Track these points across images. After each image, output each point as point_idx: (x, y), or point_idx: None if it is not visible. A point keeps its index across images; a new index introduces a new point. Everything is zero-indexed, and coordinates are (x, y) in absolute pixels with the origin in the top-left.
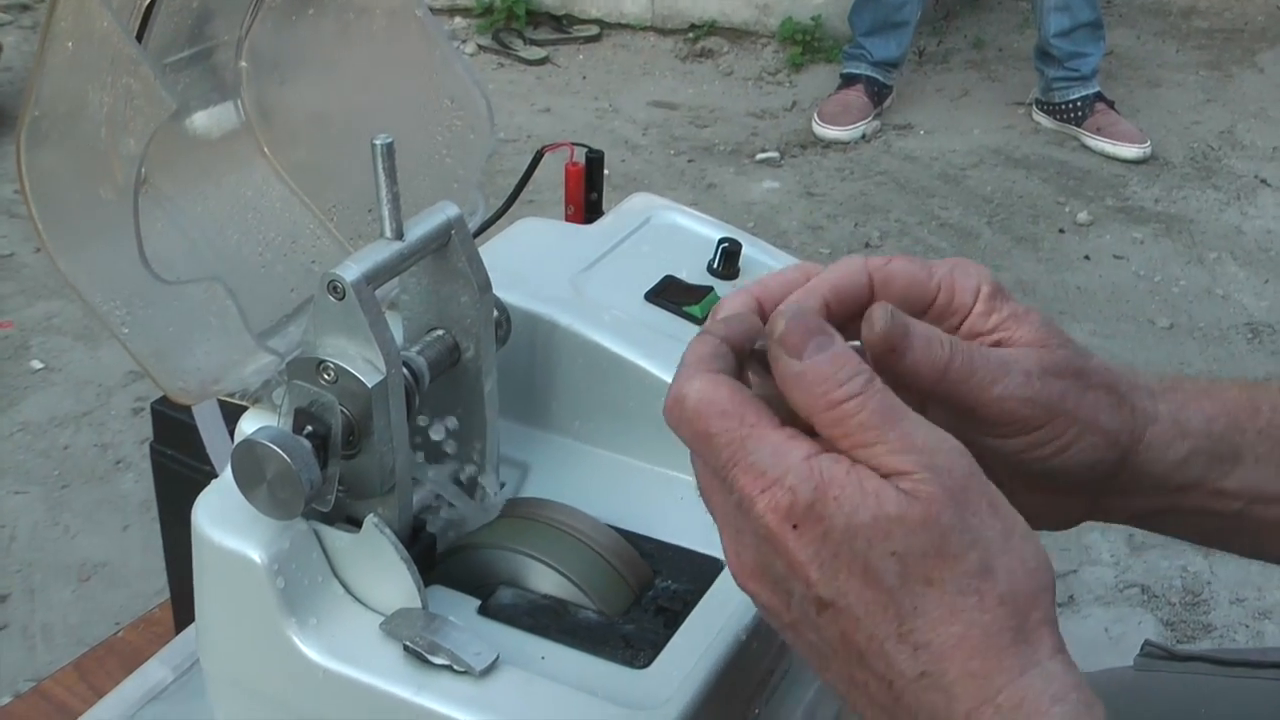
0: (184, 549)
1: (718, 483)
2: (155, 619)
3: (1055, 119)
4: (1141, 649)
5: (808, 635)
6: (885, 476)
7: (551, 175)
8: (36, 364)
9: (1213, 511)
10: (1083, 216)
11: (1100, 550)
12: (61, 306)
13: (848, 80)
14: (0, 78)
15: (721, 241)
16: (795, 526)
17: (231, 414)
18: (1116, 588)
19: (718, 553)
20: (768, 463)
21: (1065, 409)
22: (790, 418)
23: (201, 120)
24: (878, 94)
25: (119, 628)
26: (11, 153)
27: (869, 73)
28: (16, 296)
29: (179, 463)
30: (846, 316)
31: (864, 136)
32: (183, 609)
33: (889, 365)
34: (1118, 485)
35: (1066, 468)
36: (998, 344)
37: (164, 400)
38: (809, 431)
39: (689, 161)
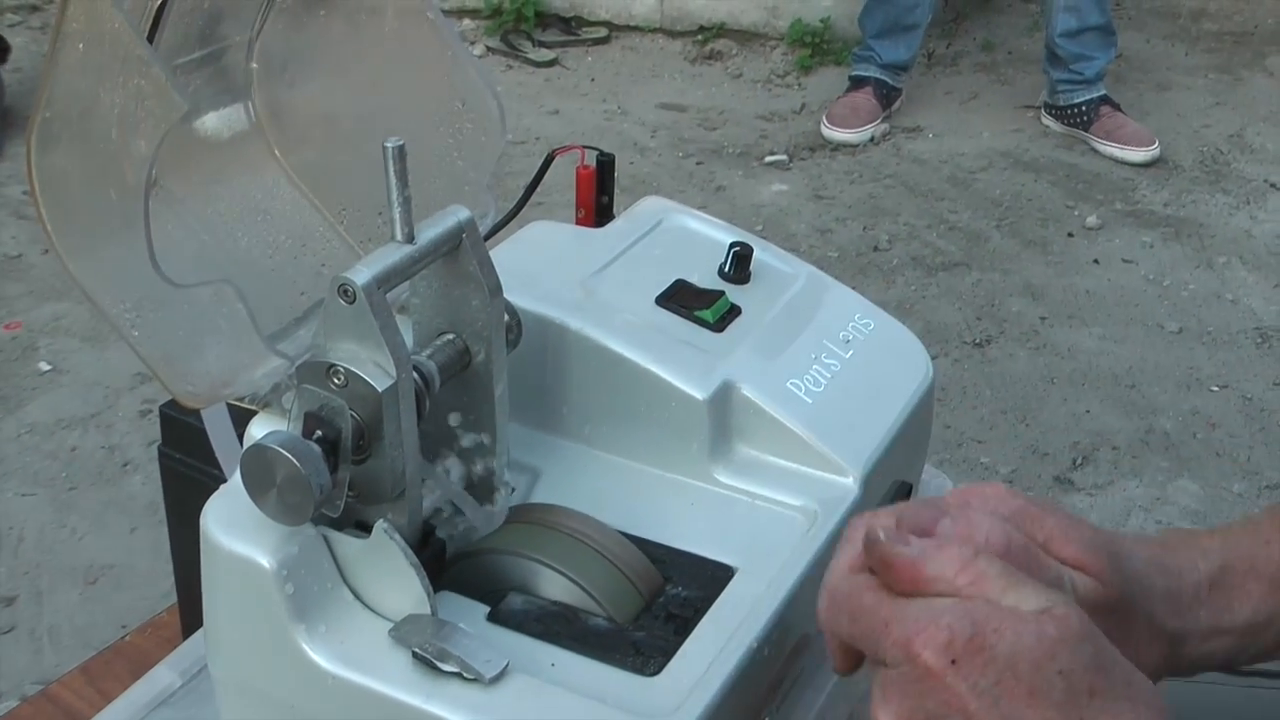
0: (192, 553)
1: (873, 653)
2: (163, 623)
3: (1063, 123)
4: None
5: None
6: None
7: (561, 177)
8: (44, 365)
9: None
10: (1092, 220)
11: None
12: (69, 308)
13: (856, 83)
14: (9, 78)
15: (733, 245)
16: (954, 661)
17: (240, 418)
18: None
19: (728, 559)
20: (920, 612)
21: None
22: None
23: (212, 122)
24: (886, 97)
25: (126, 631)
26: (21, 154)
27: (878, 75)
28: (25, 298)
29: (187, 466)
30: None
31: (873, 139)
32: (190, 613)
33: None
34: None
35: None
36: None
37: (172, 404)
38: None
39: (698, 164)
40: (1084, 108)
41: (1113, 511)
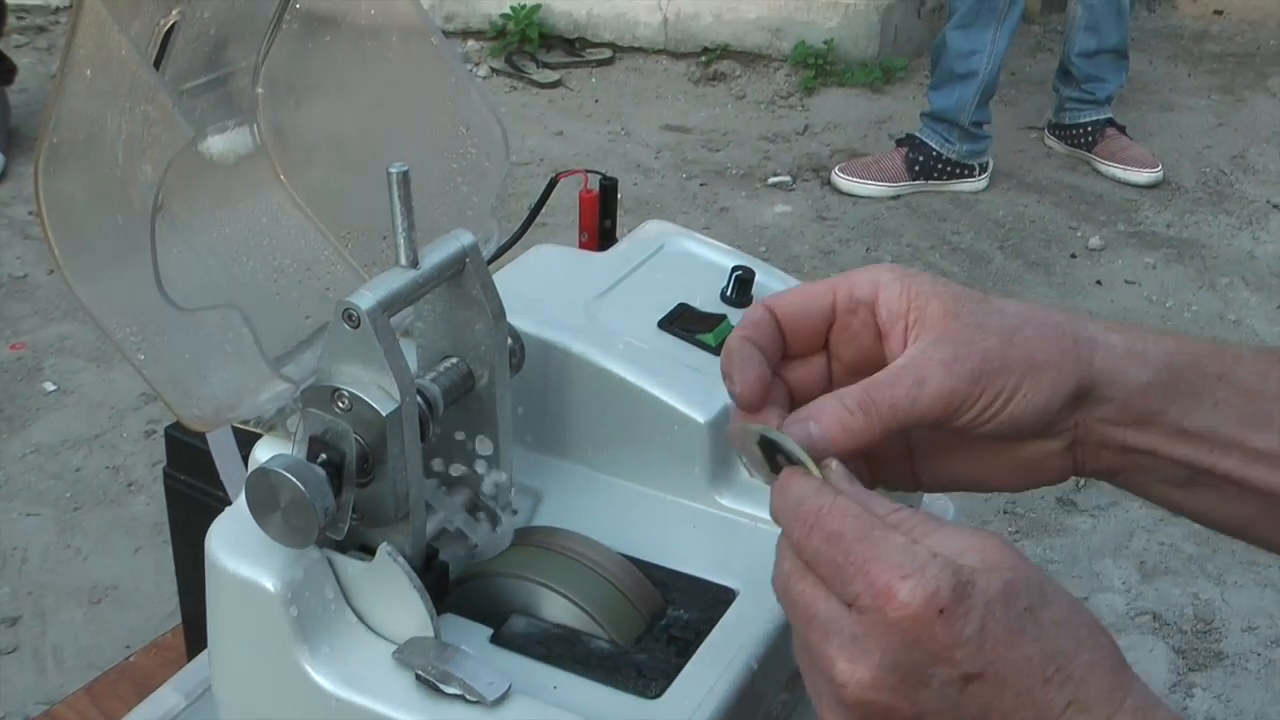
0: (196, 574)
1: (832, 585)
2: (167, 644)
3: (1067, 144)
4: None
5: None
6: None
7: (564, 199)
8: (49, 386)
9: (1178, 460)
10: (1095, 241)
11: (1111, 577)
12: (74, 328)
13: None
14: (16, 99)
15: (735, 269)
16: (942, 611)
17: (245, 441)
18: (1128, 615)
19: (729, 581)
20: (900, 556)
21: (992, 368)
22: None
23: (218, 145)
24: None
25: (130, 651)
26: (27, 174)
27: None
28: (30, 318)
29: (192, 488)
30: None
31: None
32: (194, 634)
33: (864, 457)
34: (1084, 421)
35: (1021, 415)
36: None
37: (178, 425)
38: None
39: (701, 185)
40: (1089, 128)
41: (1115, 533)
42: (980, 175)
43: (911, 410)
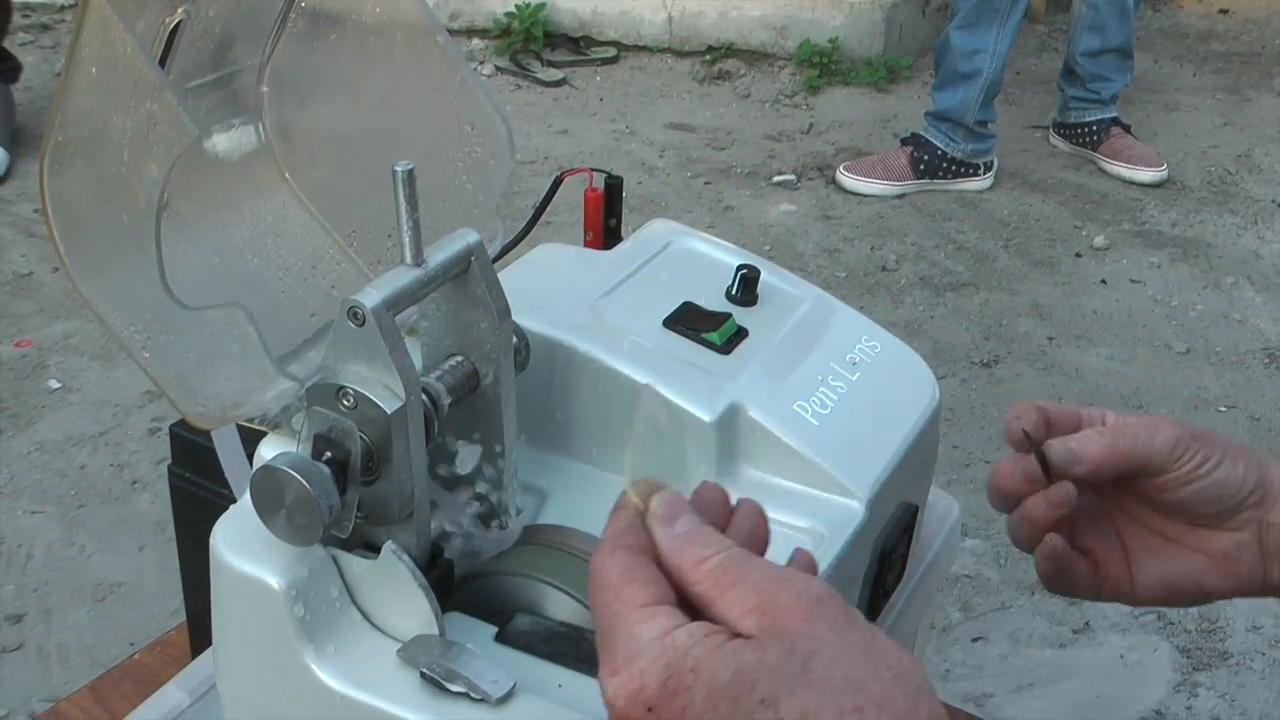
0: (201, 572)
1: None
2: (171, 642)
3: (1072, 143)
4: None
5: None
6: (735, 636)
7: (569, 198)
8: (54, 383)
9: None
10: (1099, 240)
11: None
12: (79, 326)
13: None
14: (20, 97)
15: (740, 268)
16: (650, 710)
17: (250, 439)
18: (1132, 614)
19: None
20: (620, 645)
21: (1203, 437)
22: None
23: (223, 144)
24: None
25: (134, 649)
26: (32, 172)
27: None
28: (35, 316)
29: (197, 485)
30: None
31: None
32: (199, 632)
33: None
34: (1267, 521)
35: (1224, 480)
36: None
37: (183, 423)
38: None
39: (706, 184)
40: (1094, 127)
41: None
42: (985, 174)
43: (1148, 445)
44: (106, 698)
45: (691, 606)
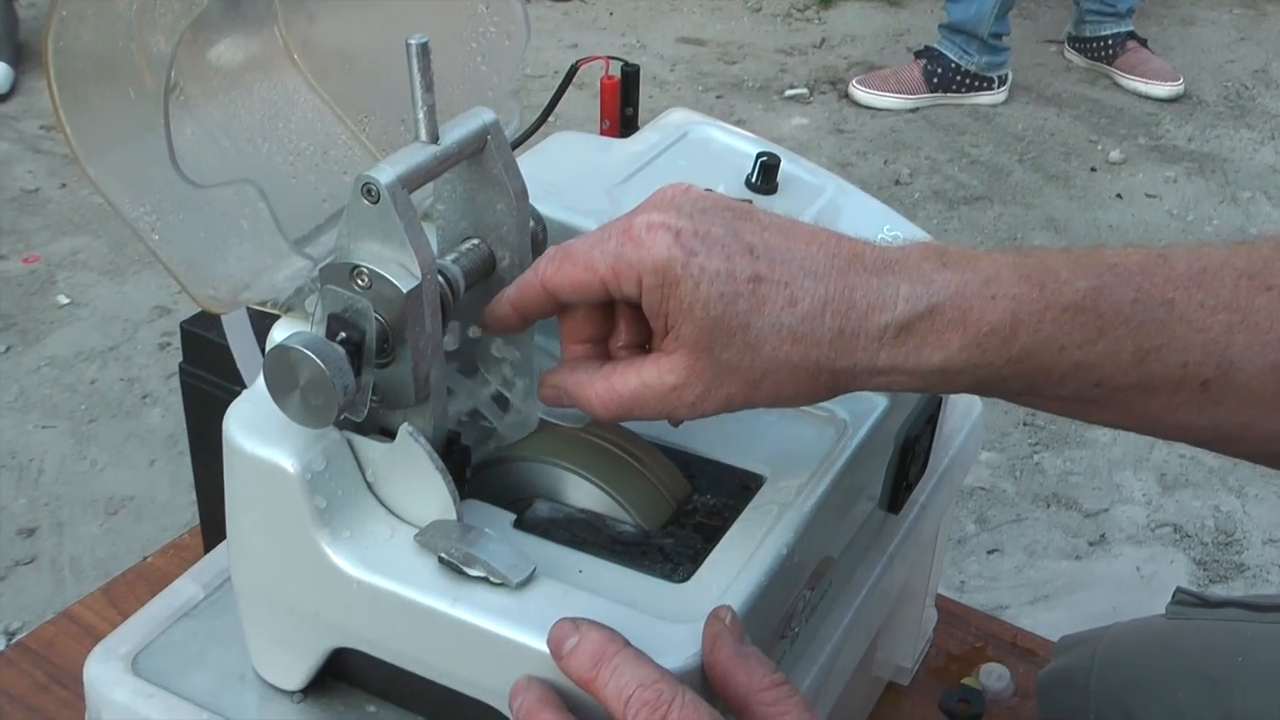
0: (214, 472)
1: None
2: (184, 545)
3: (1087, 57)
4: (1174, 596)
5: None
6: None
7: (580, 107)
8: (63, 299)
9: None
10: (1115, 155)
11: (1132, 489)
12: (88, 242)
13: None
14: (25, 14)
15: (760, 155)
16: None
17: (262, 331)
18: (1148, 527)
19: (756, 467)
20: None
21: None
22: None
23: (232, 24)
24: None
25: (147, 557)
26: (37, 89)
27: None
28: (42, 232)
29: (209, 383)
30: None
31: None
32: (212, 533)
33: None
34: None
35: None
36: None
37: (194, 320)
38: None
39: (717, 98)
40: (1110, 41)
41: (1136, 445)
42: (999, 88)
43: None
44: (120, 600)
45: None
